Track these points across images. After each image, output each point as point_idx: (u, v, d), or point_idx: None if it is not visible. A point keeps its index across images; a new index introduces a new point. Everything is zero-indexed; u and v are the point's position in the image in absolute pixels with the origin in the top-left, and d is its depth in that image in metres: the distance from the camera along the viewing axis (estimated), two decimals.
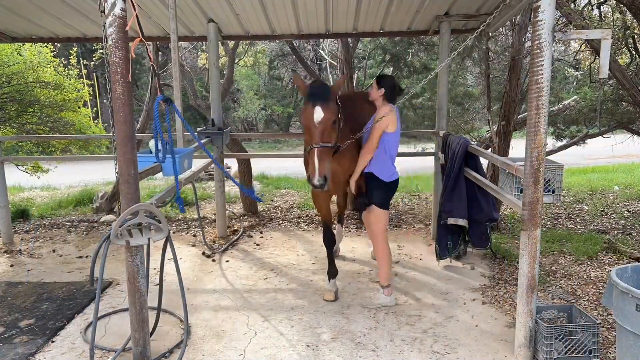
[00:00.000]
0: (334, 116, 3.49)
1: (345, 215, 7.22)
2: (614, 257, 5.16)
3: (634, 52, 5.86)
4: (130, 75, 2.65)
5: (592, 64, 6.77)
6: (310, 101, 3.48)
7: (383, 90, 3.96)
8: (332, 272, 4.34)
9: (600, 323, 3.21)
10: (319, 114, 3.42)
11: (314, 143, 3.42)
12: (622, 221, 6.62)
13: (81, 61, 9.46)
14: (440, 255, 4.93)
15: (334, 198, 5.52)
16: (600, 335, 3.21)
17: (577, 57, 8.31)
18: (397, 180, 4.09)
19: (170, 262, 4.58)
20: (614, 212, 7.12)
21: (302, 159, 4.31)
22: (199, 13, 5.29)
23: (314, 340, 3.58)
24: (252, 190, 4.21)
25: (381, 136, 3.88)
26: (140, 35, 2.88)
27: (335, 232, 4.78)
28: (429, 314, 3.96)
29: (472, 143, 4.76)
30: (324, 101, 3.45)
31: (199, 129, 5.58)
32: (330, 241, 4.34)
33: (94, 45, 9.83)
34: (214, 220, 6.75)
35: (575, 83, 9.09)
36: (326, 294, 4.28)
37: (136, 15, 2.76)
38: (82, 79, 8.43)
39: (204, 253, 5.56)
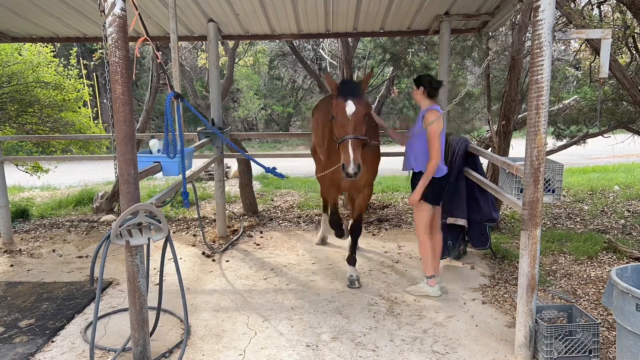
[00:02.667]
0: (365, 110, 3.69)
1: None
2: (614, 256, 5.16)
3: (634, 52, 5.86)
4: (134, 74, 2.65)
5: (592, 64, 6.76)
6: (342, 95, 3.66)
7: (422, 88, 4.06)
8: (352, 255, 4.57)
9: (600, 323, 3.21)
10: (351, 107, 3.60)
11: (348, 134, 3.57)
12: (622, 221, 6.62)
13: (81, 61, 9.46)
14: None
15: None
16: (600, 335, 3.21)
17: (577, 56, 8.31)
18: (444, 176, 4.15)
19: (170, 262, 4.60)
20: (614, 211, 7.12)
21: (302, 158, 4.36)
22: (199, 13, 5.29)
23: (314, 340, 3.57)
24: (274, 168, 4.30)
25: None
26: (145, 34, 2.88)
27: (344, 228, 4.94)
28: (429, 314, 3.96)
29: (472, 143, 4.76)
30: (356, 96, 3.65)
31: (198, 128, 5.59)
32: (337, 223, 4.58)
33: (94, 45, 9.84)
34: (214, 220, 6.75)
35: (575, 83, 9.09)
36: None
37: (139, 14, 2.76)
38: (82, 79, 8.43)
39: (204, 253, 5.56)
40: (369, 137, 3.96)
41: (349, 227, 4.71)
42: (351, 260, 4.60)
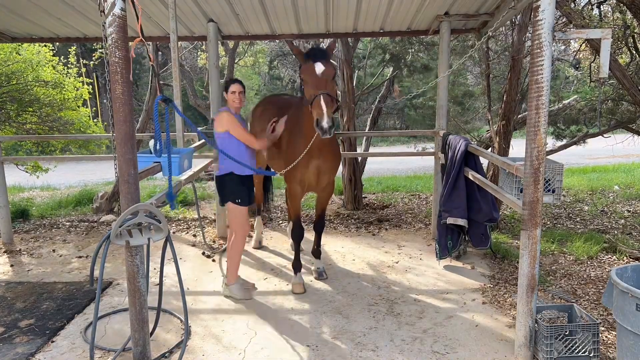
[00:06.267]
0: (334, 71, 3.89)
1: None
2: (614, 256, 5.16)
3: (634, 52, 5.86)
4: (130, 74, 2.64)
5: (592, 64, 6.76)
6: (311, 58, 3.86)
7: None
8: (298, 266, 4.57)
9: (600, 323, 3.21)
10: (320, 67, 3.80)
11: (320, 91, 3.71)
12: (622, 221, 6.62)
13: (81, 61, 9.45)
14: (440, 255, 4.94)
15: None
16: (600, 335, 3.21)
17: (577, 56, 8.31)
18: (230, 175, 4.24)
19: (170, 262, 4.60)
20: (614, 211, 7.12)
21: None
22: (199, 13, 5.29)
23: (314, 340, 3.57)
24: (260, 167, 4.28)
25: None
26: (140, 35, 2.88)
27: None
28: (429, 314, 3.96)
29: (472, 143, 4.77)
30: (324, 58, 3.85)
31: (199, 129, 5.58)
32: (299, 236, 4.60)
33: (94, 45, 9.84)
34: (214, 220, 6.75)
35: (575, 83, 9.09)
36: (294, 286, 4.46)
37: (136, 14, 2.76)
38: (81, 77, 8.41)
39: (204, 253, 5.56)
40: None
41: (314, 225, 4.80)
42: (317, 253, 4.85)
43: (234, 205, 4.20)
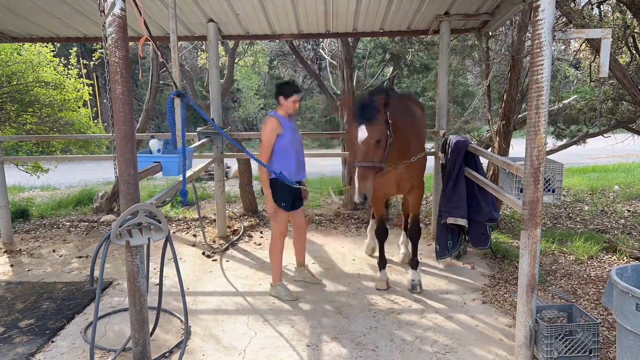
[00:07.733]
0: (379, 135, 3.44)
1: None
2: (614, 256, 5.16)
3: (634, 51, 5.85)
4: (140, 74, 2.64)
5: (592, 63, 6.76)
6: (356, 119, 3.46)
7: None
8: (382, 263, 4.54)
9: (600, 322, 3.21)
10: (363, 133, 3.40)
11: (356, 161, 3.43)
12: (622, 220, 6.62)
13: (81, 61, 9.43)
14: (440, 255, 4.93)
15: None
16: (600, 335, 3.21)
17: (577, 56, 8.31)
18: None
19: (170, 262, 4.60)
20: (614, 211, 7.12)
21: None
22: (199, 13, 5.29)
23: (314, 340, 3.58)
24: (281, 172, 4.17)
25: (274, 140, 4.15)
26: (146, 33, 2.88)
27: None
28: (429, 314, 3.96)
29: (472, 143, 4.77)
30: (370, 120, 3.42)
31: (198, 128, 5.58)
32: (382, 234, 4.50)
33: (94, 45, 9.84)
34: (214, 220, 6.74)
35: (575, 82, 9.08)
36: (377, 283, 4.48)
37: (139, 13, 2.76)
38: (82, 79, 8.40)
39: (204, 253, 5.56)
40: (412, 149, 4.00)
41: (407, 231, 4.56)
42: (414, 264, 4.45)
43: (278, 209, 4.22)
